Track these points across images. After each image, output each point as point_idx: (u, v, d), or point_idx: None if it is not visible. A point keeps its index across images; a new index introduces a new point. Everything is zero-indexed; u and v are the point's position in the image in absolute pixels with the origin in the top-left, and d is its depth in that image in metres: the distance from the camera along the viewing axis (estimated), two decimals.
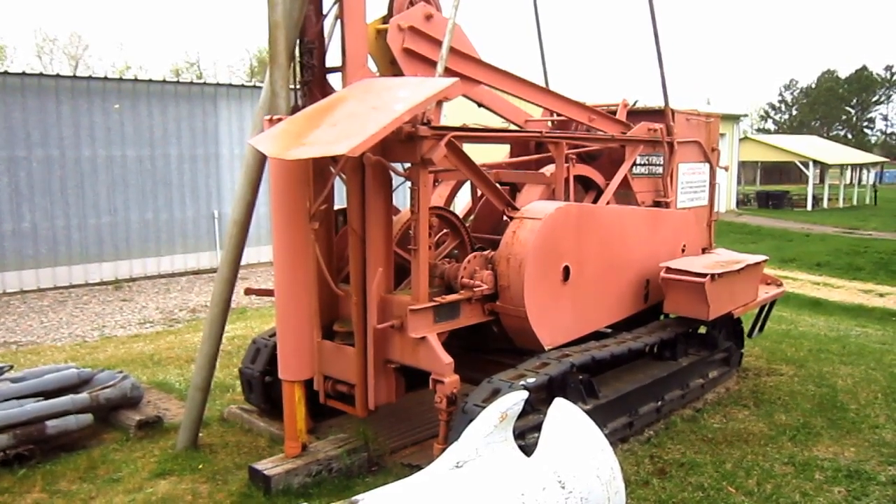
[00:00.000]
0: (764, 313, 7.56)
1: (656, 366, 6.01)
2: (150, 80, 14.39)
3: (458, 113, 7.29)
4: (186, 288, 13.53)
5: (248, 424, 5.81)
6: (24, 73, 12.92)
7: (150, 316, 11.20)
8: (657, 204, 6.83)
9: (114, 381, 5.89)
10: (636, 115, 6.89)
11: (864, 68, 78.58)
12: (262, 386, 5.67)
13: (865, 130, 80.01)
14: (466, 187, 6.93)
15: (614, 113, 6.69)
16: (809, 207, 35.31)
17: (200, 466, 5.09)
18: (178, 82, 15.10)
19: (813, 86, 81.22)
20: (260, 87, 14.51)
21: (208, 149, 14.98)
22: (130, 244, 14.03)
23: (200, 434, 5.49)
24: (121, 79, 14.29)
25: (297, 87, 4.99)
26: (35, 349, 9.06)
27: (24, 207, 12.76)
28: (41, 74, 13.19)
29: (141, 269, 14.19)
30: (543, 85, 6.84)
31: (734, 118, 32.17)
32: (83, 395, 5.61)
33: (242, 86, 16.03)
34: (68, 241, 13.26)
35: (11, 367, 6.16)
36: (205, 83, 15.34)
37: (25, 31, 74.85)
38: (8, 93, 12.44)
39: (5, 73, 12.78)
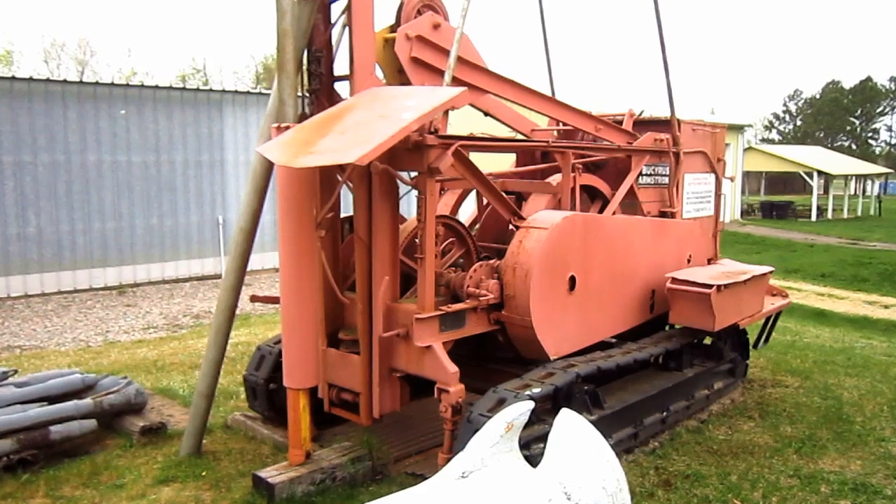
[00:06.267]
0: (769, 324, 7.55)
1: (661, 377, 5.99)
2: (157, 87, 14.50)
3: (464, 122, 7.30)
4: (190, 293, 13.54)
5: (251, 432, 5.80)
6: (31, 79, 12.98)
7: (153, 321, 11.20)
8: (663, 214, 6.83)
9: (118, 386, 5.89)
10: (642, 125, 6.89)
11: (869, 79, 78.65)
12: (267, 393, 5.67)
13: (870, 141, 79.96)
14: (472, 196, 6.94)
15: (620, 123, 6.69)
16: (814, 218, 35.29)
17: (204, 473, 5.08)
18: (183, 88, 15.16)
19: (817, 96, 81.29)
20: (265, 94, 14.64)
21: (213, 155, 15.03)
22: (135, 249, 14.06)
23: (204, 441, 5.48)
24: (127, 85, 14.36)
25: (305, 95, 5.00)
26: (39, 354, 9.07)
27: (30, 212, 12.80)
28: (48, 80, 13.24)
29: (145, 275, 14.21)
30: (550, 94, 6.85)
31: (738, 128, 32.20)
32: (87, 401, 5.61)
33: (248, 92, 16.07)
34: (73, 246, 13.30)
35: (16, 372, 6.16)
36: (210, 90, 15.39)
37: (33, 36, 75.27)
38: (15, 98, 12.50)
39: (12, 77, 12.84)
